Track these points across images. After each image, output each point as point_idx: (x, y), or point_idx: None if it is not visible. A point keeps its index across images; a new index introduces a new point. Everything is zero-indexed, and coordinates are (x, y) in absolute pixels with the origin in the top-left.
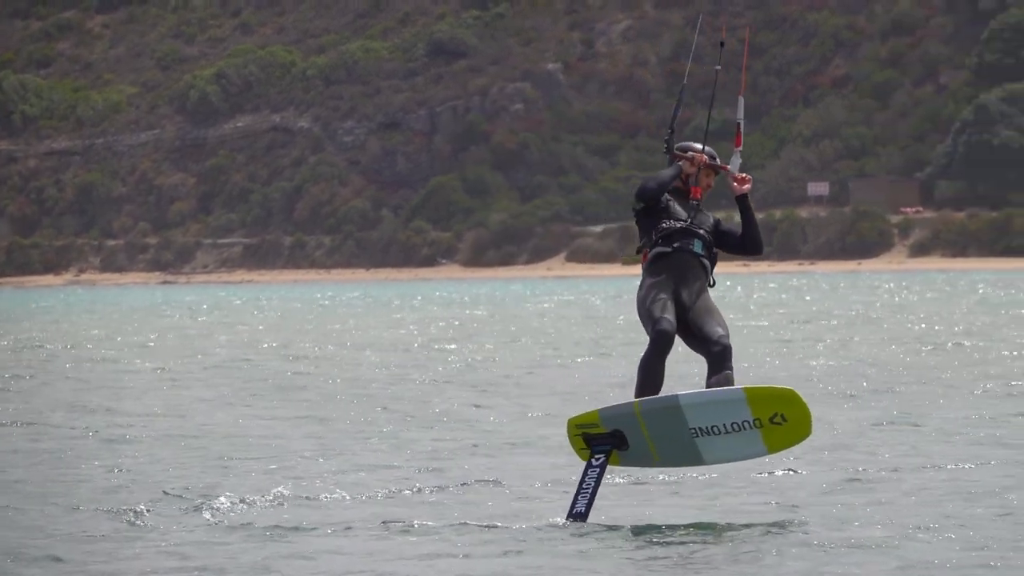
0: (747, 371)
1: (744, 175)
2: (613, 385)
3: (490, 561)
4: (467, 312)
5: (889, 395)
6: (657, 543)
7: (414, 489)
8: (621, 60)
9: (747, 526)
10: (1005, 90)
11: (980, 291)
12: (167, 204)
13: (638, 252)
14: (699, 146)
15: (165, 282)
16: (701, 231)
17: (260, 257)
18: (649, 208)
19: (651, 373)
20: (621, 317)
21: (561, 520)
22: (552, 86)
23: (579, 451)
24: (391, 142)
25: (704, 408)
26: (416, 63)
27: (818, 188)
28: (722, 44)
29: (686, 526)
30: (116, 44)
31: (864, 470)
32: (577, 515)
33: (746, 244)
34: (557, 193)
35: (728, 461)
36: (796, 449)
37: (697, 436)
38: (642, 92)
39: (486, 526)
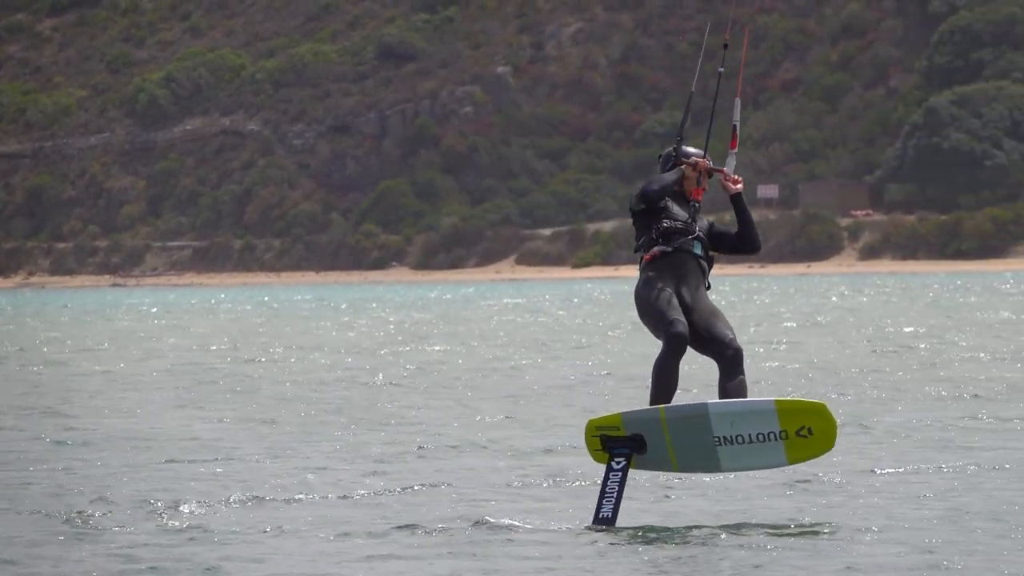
0: (695, 374)
1: (737, 176)
2: (561, 387)
3: (439, 563)
4: (417, 315)
5: (839, 398)
6: (592, 543)
7: (363, 491)
8: (571, 63)
9: (693, 527)
10: (955, 93)
11: (931, 294)
12: (117, 207)
13: (636, 251)
14: (693, 150)
15: (115, 285)
16: (700, 233)
17: (209, 260)
18: (649, 209)
19: (668, 375)
20: (578, 319)
21: (510, 521)
22: (502, 89)
23: (593, 452)
24: (341, 145)
25: (732, 418)
26: (365, 66)
27: (768, 191)
28: (725, 46)
29: (636, 528)
30: (66, 47)
31: (814, 473)
32: (604, 519)
33: (744, 242)
34: (507, 196)
35: (746, 470)
36: None
37: (719, 444)
38: (592, 95)
39: (435, 529)
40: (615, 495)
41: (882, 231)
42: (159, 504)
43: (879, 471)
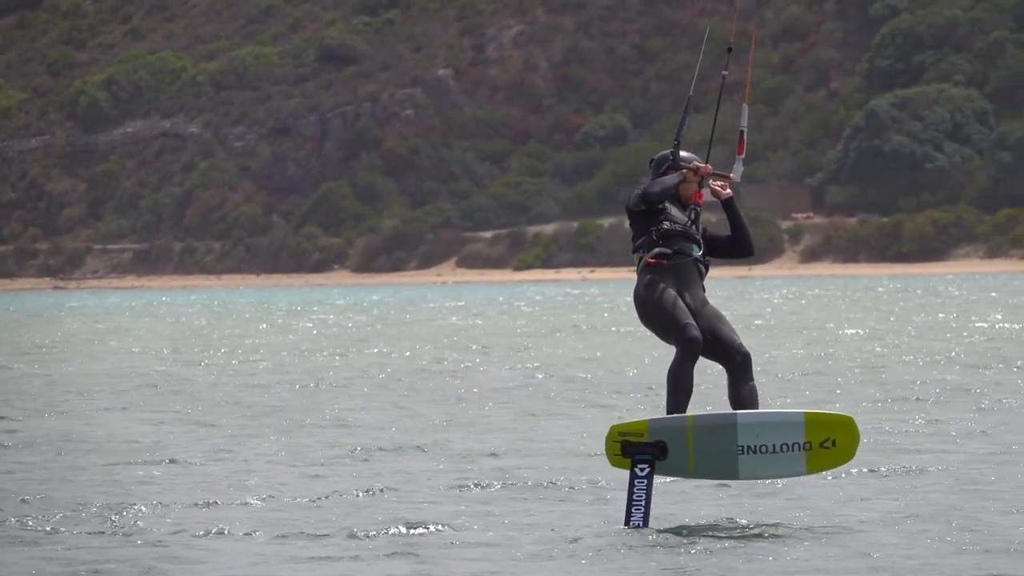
0: (635, 377)
1: (723, 182)
2: (501, 390)
3: (378, 565)
4: (358, 318)
5: (780, 402)
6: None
7: (303, 494)
8: (512, 65)
9: (628, 530)
10: (896, 96)
11: (872, 297)
12: (57, 210)
13: (635, 251)
14: (686, 154)
15: (56, 288)
16: (699, 237)
17: (150, 263)
18: (649, 210)
19: (684, 380)
20: (519, 322)
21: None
22: (442, 92)
23: (612, 456)
24: (282, 148)
25: (759, 428)
26: (307, 69)
27: (709, 194)
28: (729, 49)
29: (576, 529)
30: (6, 49)
31: None
32: (636, 527)
33: (738, 245)
34: (448, 199)
35: (763, 478)
36: None
37: (742, 453)
38: (533, 97)
39: (375, 532)
40: (643, 503)
41: (823, 234)
42: (99, 507)
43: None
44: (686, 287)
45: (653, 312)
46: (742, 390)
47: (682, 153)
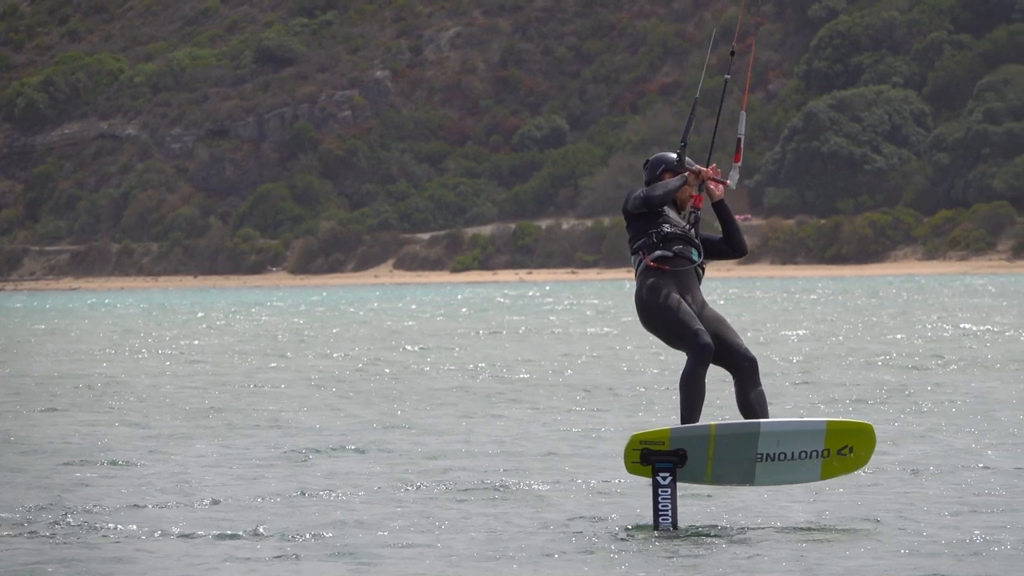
0: (572, 378)
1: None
2: (436, 390)
3: (313, 567)
4: (295, 320)
5: (713, 404)
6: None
7: (238, 495)
8: (449, 67)
9: (580, 530)
10: (834, 97)
11: (811, 298)
12: None
13: (634, 253)
14: (672, 156)
15: None
16: (698, 241)
17: (88, 264)
18: (649, 212)
19: (699, 386)
20: (457, 322)
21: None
22: (380, 93)
23: (630, 464)
24: (219, 149)
25: (781, 436)
26: (244, 70)
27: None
28: (732, 53)
29: (505, 529)
30: None
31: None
32: (666, 531)
33: (731, 247)
34: (385, 200)
35: (777, 484)
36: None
37: (760, 461)
38: (470, 99)
39: (312, 534)
40: (669, 510)
41: (761, 235)
42: (36, 508)
43: None
44: (687, 290)
45: (660, 318)
46: (750, 395)
47: (672, 155)
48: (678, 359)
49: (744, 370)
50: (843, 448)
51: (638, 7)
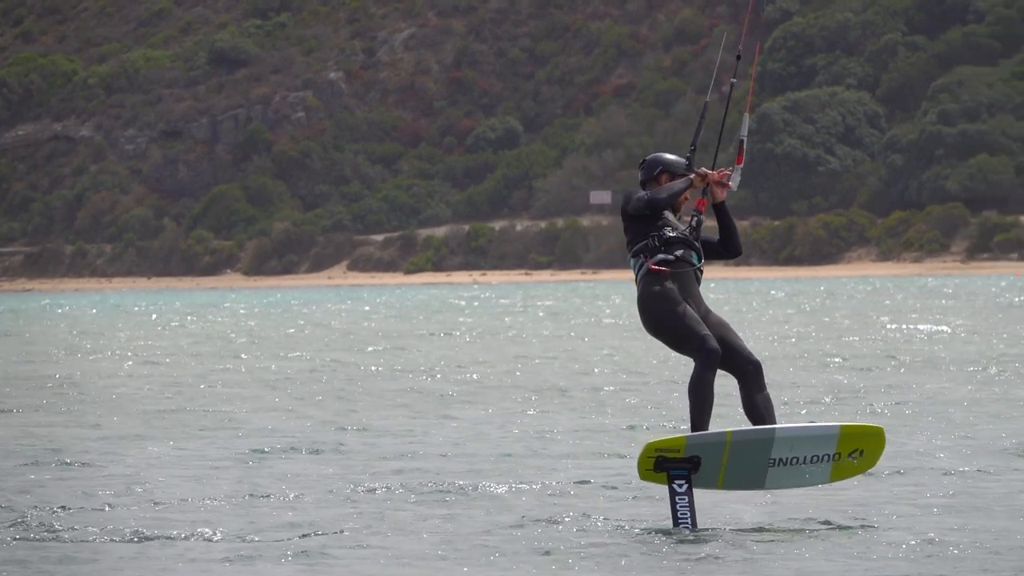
0: (525, 379)
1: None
2: (391, 391)
3: (266, 567)
4: (249, 321)
5: (669, 407)
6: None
7: (191, 496)
8: (403, 68)
9: (542, 530)
10: (788, 99)
11: (764, 300)
12: None
13: (636, 255)
14: (672, 157)
15: None
16: (698, 244)
17: (41, 266)
18: (650, 215)
19: (707, 392)
20: (411, 324)
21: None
22: (334, 95)
23: (644, 471)
24: (173, 150)
25: (795, 442)
26: (198, 72)
27: (600, 197)
28: (738, 57)
29: (473, 529)
30: None
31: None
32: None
33: (728, 248)
34: (339, 202)
35: (787, 488)
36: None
37: (772, 466)
38: (424, 100)
39: (266, 536)
40: (688, 517)
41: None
42: None
43: None
44: (689, 294)
45: (665, 323)
46: (756, 399)
47: (667, 156)
48: (630, 359)
49: (749, 374)
50: (854, 451)
51: (592, 9)
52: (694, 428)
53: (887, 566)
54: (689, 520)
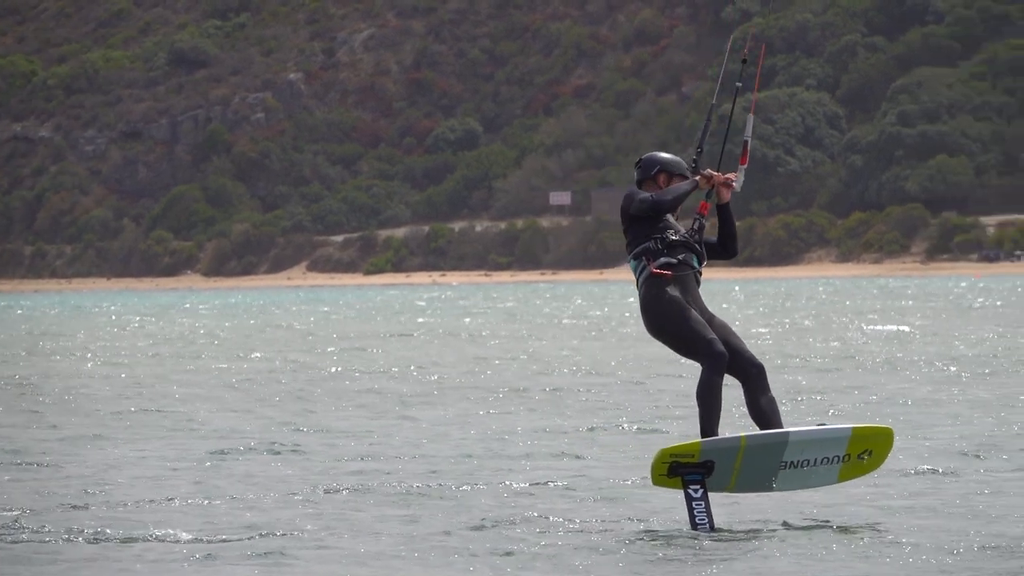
0: (486, 380)
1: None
2: (351, 392)
3: (225, 568)
4: (209, 322)
5: (619, 409)
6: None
7: (150, 497)
8: (363, 69)
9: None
10: (747, 99)
11: (726, 299)
12: None
13: (637, 257)
14: (666, 156)
15: None
16: (698, 246)
17: (1, 267)
18: (653, 217)
19: (716, 396)
20: (371, 325)
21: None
22: (293, 95)
23: (657, 476)
24: (132, 151)
25: (807, 445)
26: (157, 72)
27: (560, 198)
28: (744, 61)
29: (440, 527)
30: None
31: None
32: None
33: (727, 249)
34: (298, 203)
35: (796, 489)
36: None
37: (783, 468)
38: (384, 101)
39: (226, 537)
40: (706, 521)
41: None
42: None
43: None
44: (691, 298)
45: (671, 327)
46: (761, 402)
47: (664, 155)
48: (590, 360)
49: (752, 377)
50: (863, 453)
51: (552, 9)
52: (704, 433)
53: (843, 567)
54: (707, 523)
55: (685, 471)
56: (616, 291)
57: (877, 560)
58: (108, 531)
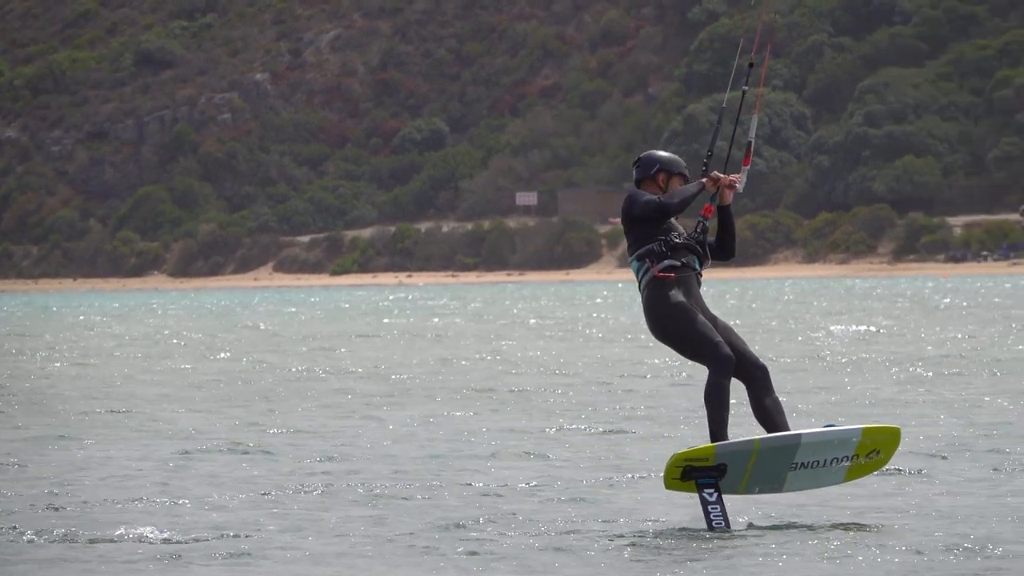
0: (450, 380)
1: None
2: (318, 392)
3: (190, 569)
4: (173, 323)
5: (589, 410)
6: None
7: (113, 498)
8: (329, 69)
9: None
10: (714, 100)
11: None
12: None
13: (640, 259)
14: (664, 154)
15: None
16: (700, 249)
17: None
18: (657, 219)
19: (724, 398)
20: (336, 325)
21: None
22: (260, 96)
23: (670, 480)
24: (99, 152)
25: (819, 447)
26: (124, 73)
27: (526, 198)
28: (751, 65)
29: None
30: None
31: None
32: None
33: (725, 251)
34: (265, 203)
35: (804, 490)
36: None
37: (792, 470)
38: (350, 101)
39: (186, 536)
40: (722, 523)
41: None
42: None
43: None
44: (695, 299)
45: (677, 329)
46: (766, 403)
47: (663, 153)
48: (557, 361)
49: (757, 379)
50: (871, 452)
51: (518, 10)
52: (714, 437)
53: (810, 568)
54: (723, 524)
55: (699, 475)
56: (583, 292)
57: (844, 561)
58: (74, 532)
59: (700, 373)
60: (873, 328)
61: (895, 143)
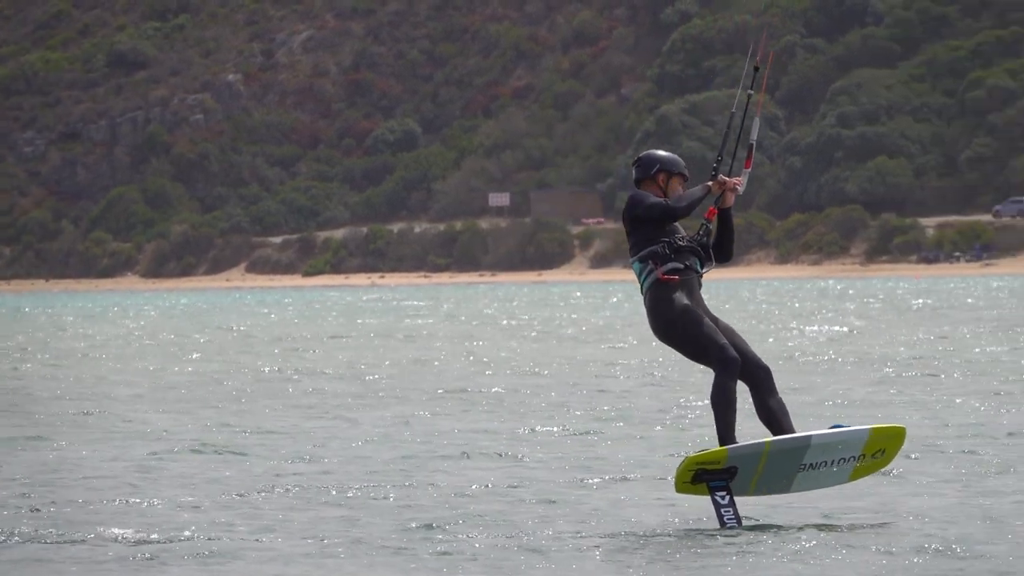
0: (423, 382)
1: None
2: (291, 394)
3: (163, 570)
4: (147, 324)
5: (566, 409)
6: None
7: (84, 499)
8: (301, 70)
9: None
10: (687, 101)
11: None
12: None
13: (643, 260)
14: (663, 154)
15: None
16: (702, 251)
17: None
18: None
19: (731, 400)
20: (309, 326)
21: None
22: (232, 97)
23: (681, 484)
24: (71, 153)
25: (828, 447)
26: (96, 74)
27: (499, 199)
28: (756, 69)
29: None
30: None
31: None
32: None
33: (723, 253)
34: (237, 204)
35: (810, 490)
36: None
37: (801, 471)
38: (323, 102)
39: (159, 538)
40: (735, 523)
41: (613, 239)
42: None
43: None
44: (696, 301)
45: (684, 333)
46: (771, 404)
47: (662, 153)
48: (529, 362)
49: (760, 380)
50: (877, 452)
51: (491, 10)
52: (722, 440)
53: (783, 568)
54: (736, 523)
55: (710, 478)
56: (555, 292)
57: (815, 562)
58: (46, 532)
59: (673, 374)
60: (846, 329)
61: (868, 144)
